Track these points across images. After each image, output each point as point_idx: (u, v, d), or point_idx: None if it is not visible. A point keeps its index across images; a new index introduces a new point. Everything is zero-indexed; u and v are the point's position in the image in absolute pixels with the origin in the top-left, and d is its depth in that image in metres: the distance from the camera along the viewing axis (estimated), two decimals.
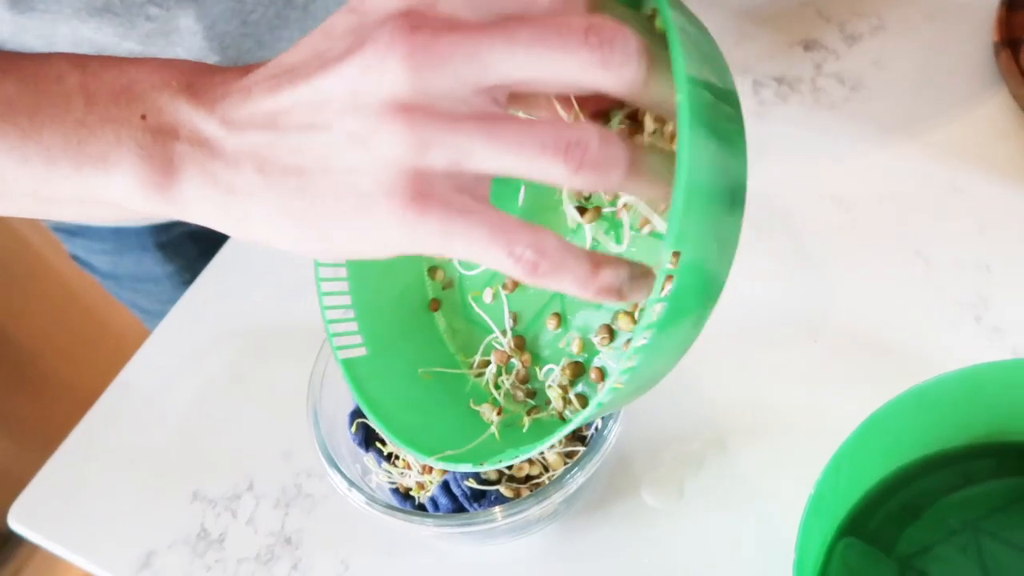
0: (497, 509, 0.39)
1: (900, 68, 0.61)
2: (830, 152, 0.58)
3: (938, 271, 0.50)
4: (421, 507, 0.43)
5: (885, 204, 0.54)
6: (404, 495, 0.44)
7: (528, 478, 0.42)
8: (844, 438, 0.38)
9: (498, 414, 0.37)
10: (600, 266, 0.24)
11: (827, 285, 0.51)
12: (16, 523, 0.50)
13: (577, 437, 0.43)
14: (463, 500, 0.41)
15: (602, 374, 0.36)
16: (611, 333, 0.36)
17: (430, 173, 0.22)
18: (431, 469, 0.43)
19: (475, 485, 0.41)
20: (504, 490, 0.41)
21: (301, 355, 0.45)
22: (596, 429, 0.42)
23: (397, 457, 0.44)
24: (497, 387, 0.38)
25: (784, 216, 0.55)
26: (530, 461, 0.42)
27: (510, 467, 0.42)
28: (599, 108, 0.29)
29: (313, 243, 0.24)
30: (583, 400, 0.37)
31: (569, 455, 0.42)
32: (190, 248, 0.64)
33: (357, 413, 0.45)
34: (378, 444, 0.45)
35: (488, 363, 0.38)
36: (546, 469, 0.42)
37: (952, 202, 0.53)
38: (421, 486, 0.43)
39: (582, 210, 0.34)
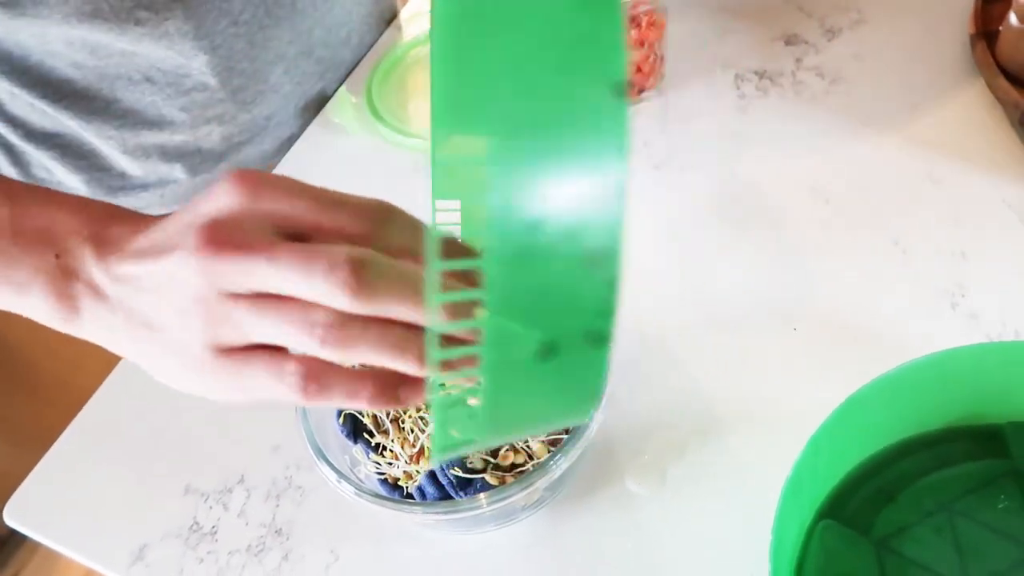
0: (482, 496, 0.39)
1: (879, 61, 0.62)
2: (810, 145, 0.59)
3: (915, 260, 0.51)
4: (409, 496, 0.44)
5: (864, 195, 0.55)
6: (392, 485, 0.45)
7: (513, 466, 0.43)
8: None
9: None
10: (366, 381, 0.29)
11: (807, 274, 0.52)
12: (11, 519, 0.51)
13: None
14: (449, 488, 0.42)
15: None
16: None
17: (220, 340, 0.29)
18: (419, 459, 0.43)
19: (461, 473, 0.42)
20: (489, 478, 0.42)
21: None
22: None
23: (385, 448, 0.45)
24: None
25: (765, 208, 0.56)
26: (514, 449, 0.43)
27: (495, 455, 0.43)
28: None
29: (162, 377, 0.32)
30: None
31: (553, 443, 0.43)
32: None
33: None
34: (366, 436, 0.46)
35: None
36: (531, 457, 0.43)
37: (929, 192, 0.54)
38: (409, 476, 0.44)
39: None
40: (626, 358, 0.47)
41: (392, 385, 0.29)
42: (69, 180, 0.68)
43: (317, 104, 0.72)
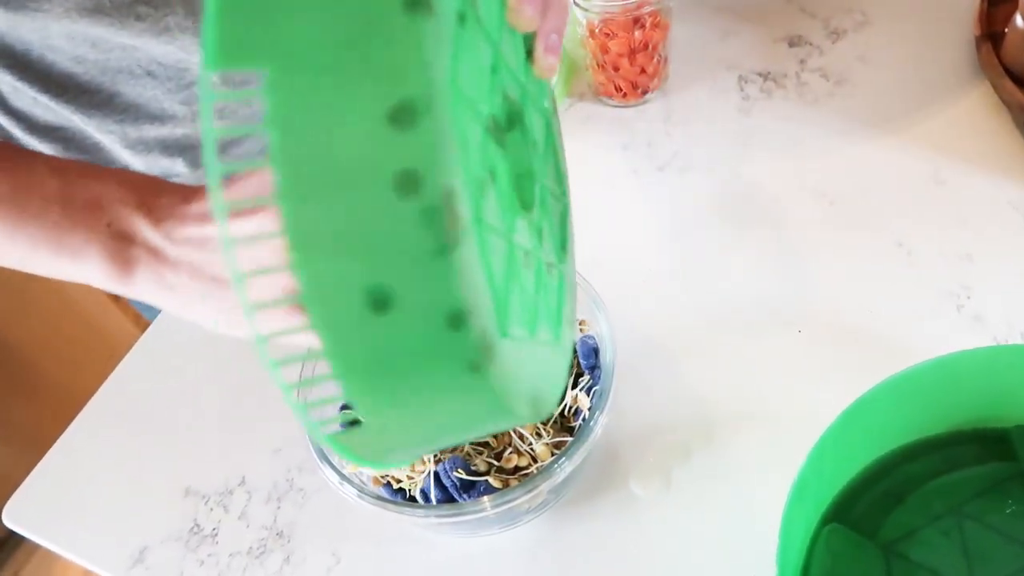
0: (486, 499, 0.39)
1: (883, 63, 0.62)
2: (814, 146, 0.59)
3: (920, 261, 0.51)
4: (412, 499, 0.43)
5: (868, 196, 0.55)
6: (395, 487, 0.44)
7: (517, 469, 0.42)
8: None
9: None
10: None
11: (811, 276, 0.52)
12: (10, 521, 0.51)
13: (565, 428, 0.44)
14: (453, 491, 0.41)
15: None
16: None
17: None
18: (423, 461, 0.43)
19: (464, 476, 0.41)
20: (493, 481, 0.41)
21: None
22: (584, 420, 0.42)
23: None
24: None
25: (768, 209, 0.56)
26: (518, 452, 0.43)
27: (499, 458, 0.42)
28: None
29: (230, 329, 0.33)
30: None
31: (557, 446, 0.42)
32: None
33: (347, 406, 0.46)
34: None
35: None
36: (535, 460, 0.42)
37: (934, 194, 0.54)
38: (411, 478, 0.44)
39: None
40: (629, 360, 0.47)
41: None
42: None
43: None
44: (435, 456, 0.42)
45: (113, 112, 0.63)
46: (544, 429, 0.43)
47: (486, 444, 0.43)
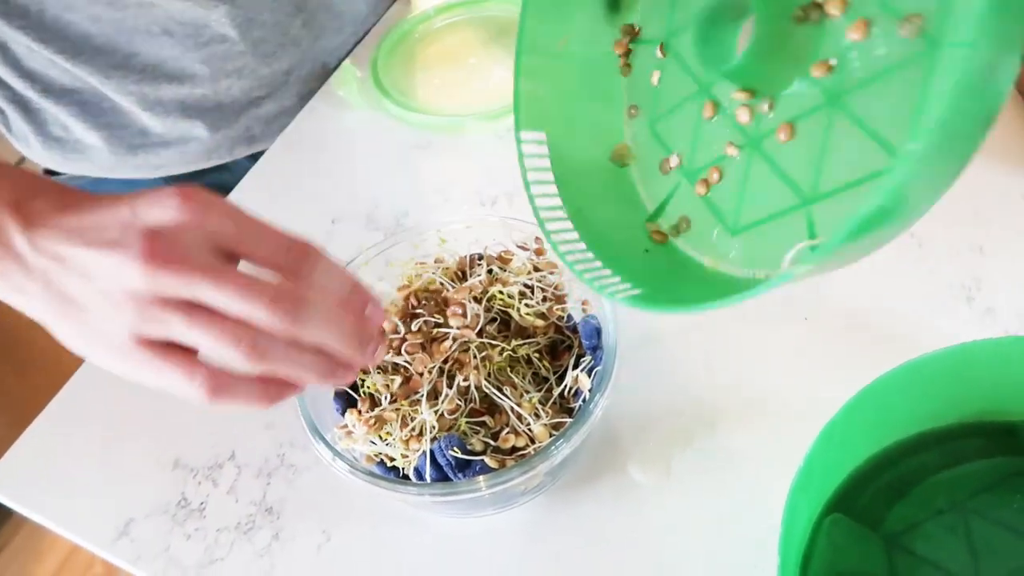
0: (482, 478, 0.38)
1: None
2: None
3: (931, 253, 0.50)
4: (405, 478, 0.42)
5: None
6: (388, 466, 0.43)
7: (514, 449, 0.41)
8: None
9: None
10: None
11: None
12: None
13: (564, 409, 0.43)
14: (448, 470, 0.40)
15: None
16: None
17: (143, 332, 0.31)
18: (418, 438, 0.42)
19: (460, 455, 0.40)
20: (489, 460, 0.40)
21: None
22: (584, 400, 0.41)
23: (380, 425, 0.43)
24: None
25: None
26: (515, 432, 0.42)
27: (496, 438, 0.41)
28: None
29: (71, 345, 0.33)
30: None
31: (556, 427, 0.41)
32: None
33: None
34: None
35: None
36: (532, 441, 0.41)
37: None
38: (405, 456, 0.43)
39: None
40: (632, 344, 0.46)
41: (280, 389, 0.33)
42: (88, 137, 0.66)
43: (338, 62, 0.70)
44: (431, 435, 0.41)
45: (131, 72, 0.62)
46: (543, 410, 0.42)
47: (483, 423, 0.42)
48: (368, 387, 0.44)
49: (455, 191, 0.60)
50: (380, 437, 0.43)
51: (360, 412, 0.43)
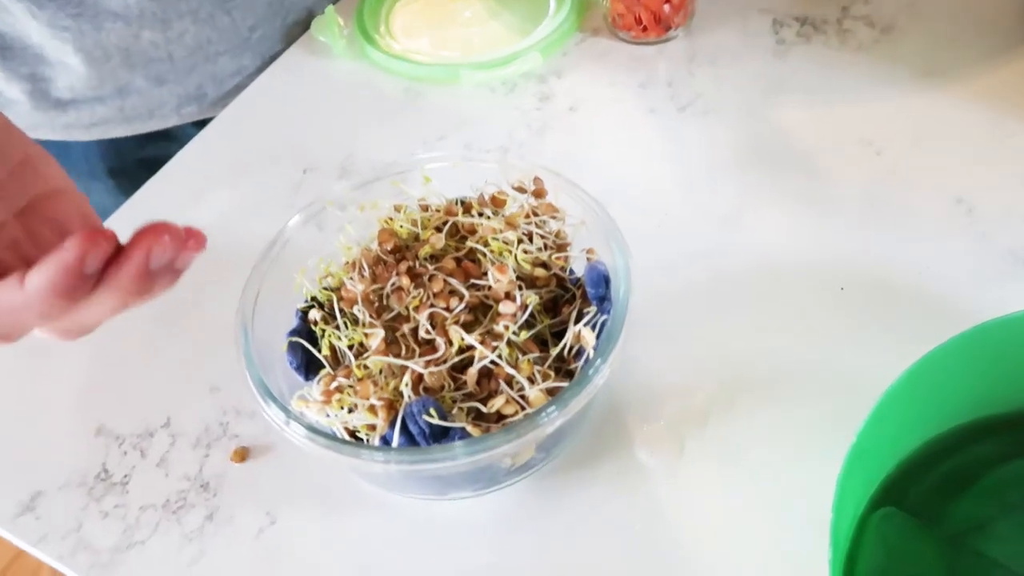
0: (459, 443, 0.31)
1: (935, 10, 0.55)
2: (859, 94, 0.52)
3: (982, 219, 0.44)
4: None
5: (921, 149, 0.48)
6: (351, 436, 0.36)
7: (501, 418, 0.34)
8: (870, 400, 0.31)
9: None
10: None
11: (855, 230, 0.44)
12: None
13: (566, 373, 0.36)
14: (420, 439, 0.33)
15: None
16: None
17: None
18: (389, 407, 0.35)
19: (436, 421, 0.33)
20: (471, 428, 0.33)
21: (238, 282, 0.37)
22: (586, 360, 0.34)
23: (343, 390, 0.36)
24: None
25: (804, 157, 0.49)
26: (507, 401, 0.35)
27: (485, 403, 0.34)
28: None
29: None
30: None
31: (551, 392, 0.34)
32: (146, 178, 0.56)
33: (297, 332, 0.38)
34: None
35: None
36: (524, 409, 0.34)
37: (997, 148, 0.47)
38: (372, 428, 0.35)
39: None
40: (644, 311, 0.39)
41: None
42: (9, 90, 0.59)
43: (306, 24, 0.63)
44: (407, 397, 0.34)
45: (68, 4, 0.55)
46: (540, 371, 0.35)
47: (468, 394, 0.35)
48: (330, 339, 0.36)
49: (444, 145, 0.54)
50: (342, 405, 0.35)
51: (334, 375, 0.36)
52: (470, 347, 0.35)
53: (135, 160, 0.65)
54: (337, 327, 0.37)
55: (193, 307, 0.46)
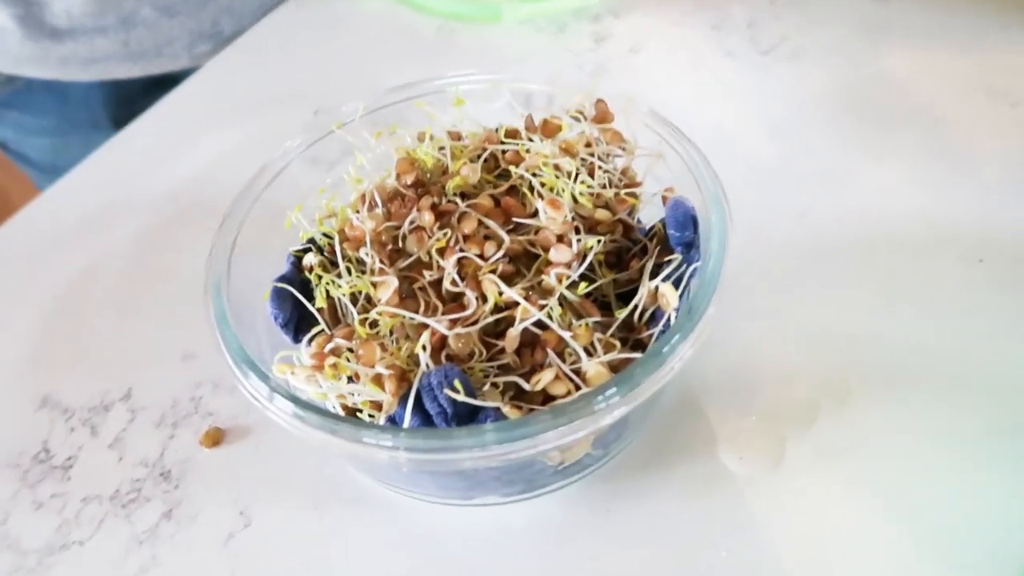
0: (490, 426, 0.23)
1: None
2: (979, 40, 0.43)
3: None
4: None
5: None
6: (351, 414, 0.28)
7: (548, 398, 0.26)
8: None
9: None
10: None
11: (992, 192, 0.36)
12: None
13: (637, 345, 0.27)
14: (439, 419, 0.25)
15: None
16: None
17: None
18: (401, 378, 0.26)
19: (462, 398, 0.24)
20: (507, 410, 0.25)
21: None
22: (664, 328, 0.26)
23: (341, 353, 0.28)
24: None
25: (920, 109, 0.40)
26: (557, 377, 0.26)
27: (526, 376, 0.26)
28: None
29: None
30: None
31: (615, 368, 0.26)
32: None
33: (287, 280, 0.29)
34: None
35: None
36: (578, 388, 0.26)
37: None
38: (377, 405, 0.27)
39: None
40: (734, 283, 0.30)
41: None
42: None
43: None
44: (424, 366, 0.26)
45: None
46: (601, 340, 0.26)
47: (505, 366, 0.27)
48: (326, 287, 0.28)
49: None
50: (340, 374, 0.27)
51: (330, 335, 0.28)
52: (509, 305, 0.26)
53: (142, 109, 0.58)
54: (339, 274, 0.28)
55: (170, 259, 0.38)
